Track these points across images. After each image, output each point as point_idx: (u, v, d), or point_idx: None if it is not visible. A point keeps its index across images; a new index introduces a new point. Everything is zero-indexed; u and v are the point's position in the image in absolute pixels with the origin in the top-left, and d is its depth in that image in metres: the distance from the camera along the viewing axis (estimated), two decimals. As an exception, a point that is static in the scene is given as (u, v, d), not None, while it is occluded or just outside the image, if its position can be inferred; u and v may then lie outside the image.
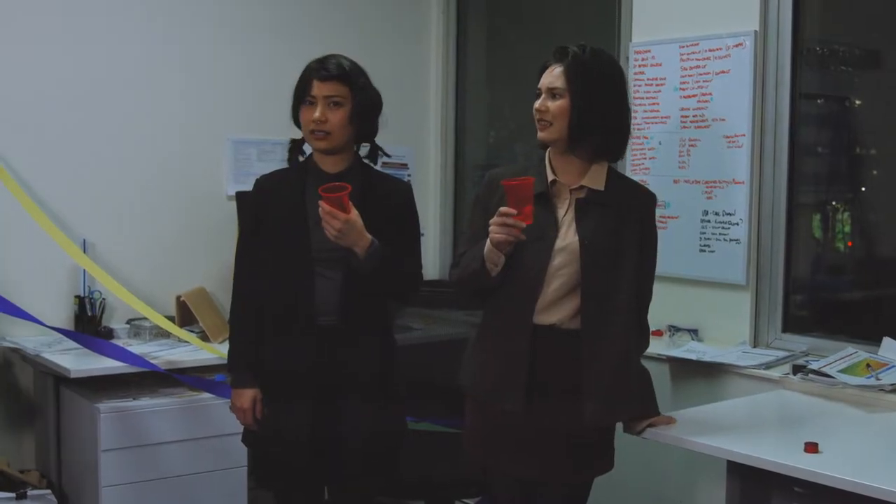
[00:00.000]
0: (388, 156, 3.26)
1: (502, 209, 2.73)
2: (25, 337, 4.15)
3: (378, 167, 3.27)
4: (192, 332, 4.21)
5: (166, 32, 4.53)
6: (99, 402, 3.82)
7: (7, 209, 4.08)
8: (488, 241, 2.80)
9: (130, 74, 4.46)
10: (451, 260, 4.46)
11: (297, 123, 3.14)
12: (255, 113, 4.74)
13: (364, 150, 3.21)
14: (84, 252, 4.20)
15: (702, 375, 3.83)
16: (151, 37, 4.50)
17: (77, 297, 4.26)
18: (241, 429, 3.28)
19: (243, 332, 3.19)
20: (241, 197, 4.33)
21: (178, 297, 4.34)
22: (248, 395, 3.16)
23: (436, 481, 3.96)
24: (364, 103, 3.09)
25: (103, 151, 4.41)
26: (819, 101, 4.04)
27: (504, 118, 5.41)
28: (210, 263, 4.61)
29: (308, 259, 3.05)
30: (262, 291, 3.14)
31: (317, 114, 3.02)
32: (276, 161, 4.64)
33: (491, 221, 2.77)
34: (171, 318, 4.24)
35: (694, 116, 4.06)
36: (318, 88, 3.04)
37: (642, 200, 3.00)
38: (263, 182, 3.23)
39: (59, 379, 3.96)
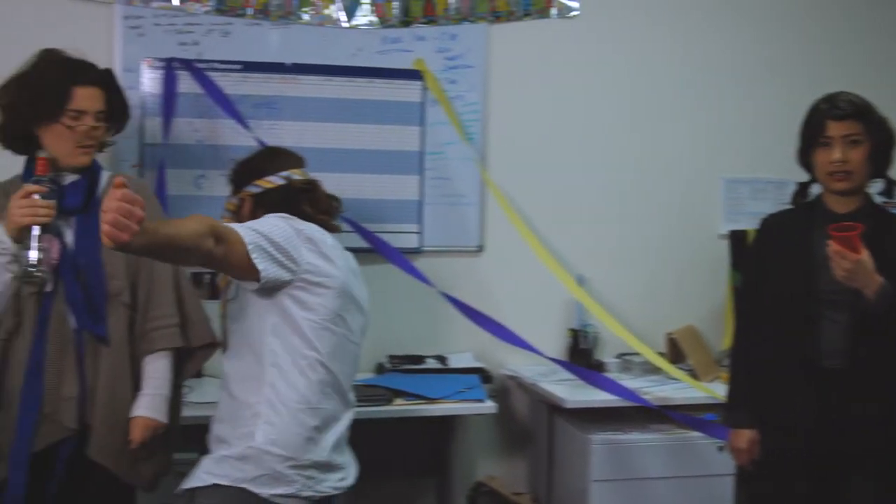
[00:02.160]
0: None
1: None
2: (523, 366, 4.34)
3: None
4: (681, 369, 4.21)
5: (668, 76, 4.59)
6: (591, 433, 3.92)
7: (513, 246, 4.30)
8: None
9: (633, 117, 4.56)
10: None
11: (805, 165, 3.07)
12: (749, 152, 4.67)
13: (876, 186, 3.07)
14: (580, 286, 4.33)
15: None
16: (655, 81, 4.58)
17: (571, 329, 4.41)
18: (730, 469, 3.23)
19: (743, 371, 3.15)
20: (738, 236, 4.29)
21: (669, 335, 4.36)
22: (745, 436, 3.11)
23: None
24: (881, 139, 2.97)
25: (602, 191, 4.54)
26: None
27: None
28: (700, 302, 4.59)
29: (814, 300, 2.96)
30: (763, 331, 3.08)
31: (836, 154, 2.93)
32: (769, 200, 4.55)
33: None
34: (660, 355, 4.26)
35: None
36: (834, 128, 2.94)
37: None
38: (769, 221, 3.19)
39: (553, 408, 4.10)
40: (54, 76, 2.86)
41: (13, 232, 2.70)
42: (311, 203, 2.89)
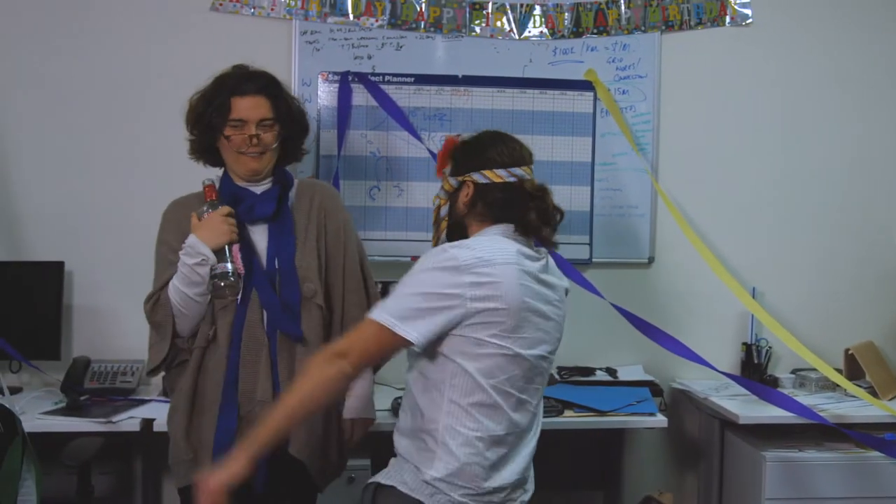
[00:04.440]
0: None
1: None
2: (694, 380, 4.30)
3: None
4: (860, 386, 4.08)
5: (844, 81, 4.48)
6: (765, 450, 3.83)
7: (685, 258, 4.28)
8: None
9: (808, 125, 4.46)
10: None
11: None
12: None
13: None
14: (754, 299, 4.24)
15: None
16: (831, 87, 4.47)
17: (744, 343, 4.33)
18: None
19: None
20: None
21: (847, 350, 4.23)
22: (931, 459, 3.01)
23: None
24: None
25: (776, 201, 4.46)
26: None
27: None
28: (881, 317, 4.47)
29: None
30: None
31: None
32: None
33: None
34: (838, 371, 4.13)
35: None
36: None
37: None
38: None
39: (725, 423, 4.03)
40: (216, 90, 3.02)
41: (217, 247, 2.89)
42: (538, 212, 2.72)
